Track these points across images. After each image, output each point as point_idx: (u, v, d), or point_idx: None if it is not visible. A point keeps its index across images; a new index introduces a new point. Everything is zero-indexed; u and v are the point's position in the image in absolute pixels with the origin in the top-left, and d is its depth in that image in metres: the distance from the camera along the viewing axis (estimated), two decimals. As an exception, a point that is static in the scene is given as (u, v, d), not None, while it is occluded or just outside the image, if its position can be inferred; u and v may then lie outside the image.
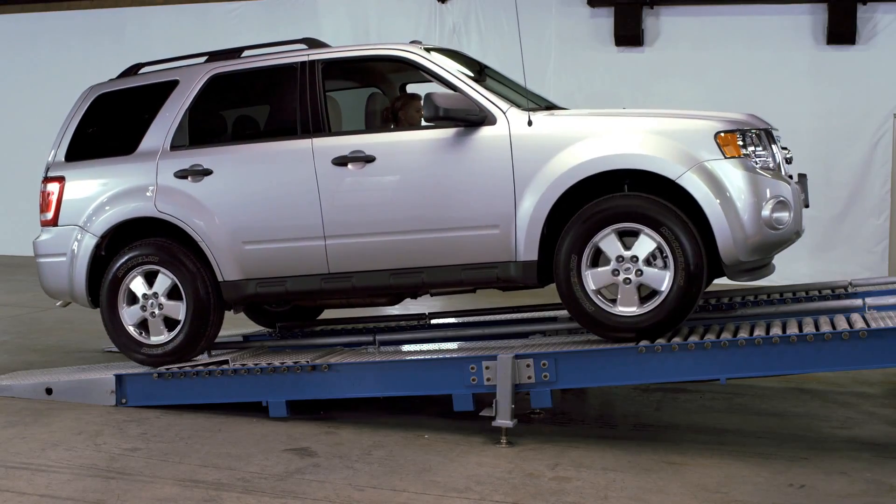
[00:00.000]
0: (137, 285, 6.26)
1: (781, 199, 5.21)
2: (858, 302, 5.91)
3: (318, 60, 6.06)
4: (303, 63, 6.07)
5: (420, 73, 5.98)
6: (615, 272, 5.26)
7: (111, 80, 6.81)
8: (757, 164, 5.27)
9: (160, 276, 6.21)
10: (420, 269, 5.73)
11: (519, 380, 5.30)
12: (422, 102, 6.35)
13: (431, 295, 6.30)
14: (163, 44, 14.15)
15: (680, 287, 5.15)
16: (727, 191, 5.13)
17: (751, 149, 5.29)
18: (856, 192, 11.89)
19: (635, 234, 5.25)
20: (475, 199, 5.56)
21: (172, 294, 6.19)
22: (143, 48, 14.52)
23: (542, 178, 5.41)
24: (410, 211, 5.69)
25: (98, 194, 6.40)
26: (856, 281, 6.49)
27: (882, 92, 11.68)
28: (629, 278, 5.24)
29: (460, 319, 7.12)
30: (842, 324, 5.23)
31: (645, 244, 5.22)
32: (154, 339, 6.25)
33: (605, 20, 12.77)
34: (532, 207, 5.42)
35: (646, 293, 5.29)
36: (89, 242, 6.36)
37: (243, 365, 5.96)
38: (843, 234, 11.92)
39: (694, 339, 5.18)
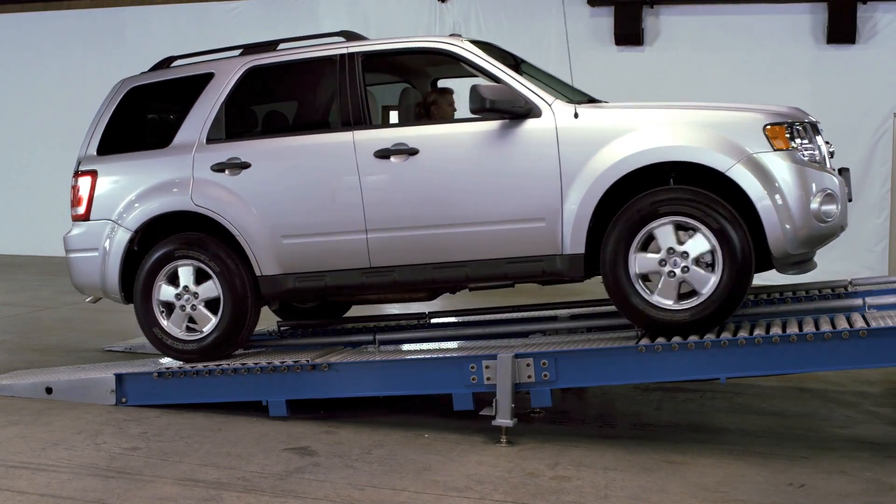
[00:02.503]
0: (173, 280, 6.19)
1: (829, 191, 5.20)
2: (858, 301, 5.91)
3: (359, 53, 6.00)
4: (342, 55, 6.00)
5: (461, 65, 5.91)
6: (662, 262, 5.23)
7: (143, 73, 6.73)
8: (805, 156, 5.25)
9: (196, 270, 6.14)
10: (464, 262, 5.68)
11: (519, 379, 5.30)
12: (453, 96, 6.37)
13: (470, 290, 6.23)
14: (163, 43, 14.13)
15: (728, 280, 5.11)
16: (776, 183, 5.11)
17: (798, 141, 5.26)
18: (856, 191, 11.84)
19: (684, 227, 5.21)
20: (521, 192, 5.52)
21: (209, 289, 6.13)
22: (143, 48, 14.53)
23: (589, 171, 5.37)
24: (455, 204, 5.65)
25: (132, 188, 6.33)
26: (856, 280, 6.49)
27: (882, 91, 11.69)
28: (674, 272, 5.20)
29: (460, 319, 7.11)
30: (842, 323, 5.23)
31: (694, 238, 5.18)
32: (188, 335, 6.19)
33: (605, 19, 12.78)
34: (579, 200, 5.38)
35: (690, 288, 5.24)
36: (123, 237, 6.30)
37: (243, 364, 5.95)
38: (843, 234, 11.90)
39: (694, 338, 5.18)
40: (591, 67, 12.87)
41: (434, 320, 7.06)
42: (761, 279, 5.72)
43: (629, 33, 12.59)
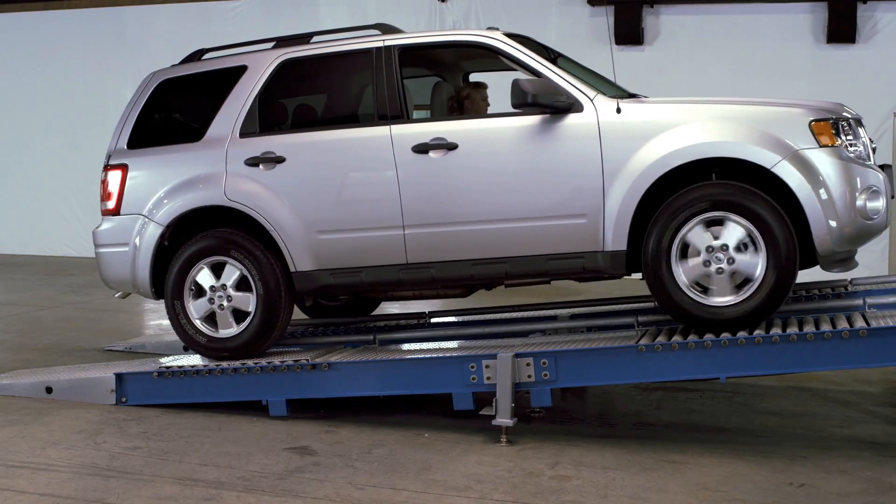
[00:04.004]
0: (204, 277, 6.11)
1: (875, 188, 5.17)
2: (858, 301, 5.92)
3: (395, 46, 5.95)
4: (378, 48, 5.95)
5: (496, 59, 5.86)
6: (706, 263, 5.19)
7: (173, 65, 6.65)
8: (850, 153, 5.22)
9: (228, 266, 6.05)
10: (503, 259, 5.62)
11: (519, 378, 5.30)
12: (487, 90, 6.33)
13: (506, 286, 6.18)
14: (163, 43, 14.17)
15: (773, 276, 5.08)
16: (822, 180, 5.07)
17: (843, 137, 5.23)
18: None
19: (715, 223, 5.17)
20: (562, 188, 5.48)
21: (241, 285, 6.05)
22: (143, 48, 14.55)
23: (632, 167, 5.32)
24: (495, 200, 5.60)
25: (163, 182, 6.25)
26: (856, 280, 6.48)
27: (882, 91, 11.68)
28: (721, 268, 5.16)
29: (460, 318, 7.11)
30: (842, 323, 5.23)
31: (736, 233, 5.14)
32: (222, 333, 6.10)
33: (605, 19, 12.76)
34: (621, 197, 5.33)
35: (737, 283, 5.19)
36: (154, 232, 6.22)
37: (243, 363, 5.94)
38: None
39: (694, 337, 5.18)
40: (591, 67, 12.90)
41: (434, 320, 7.07)
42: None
43: (629, 33, 12.58)
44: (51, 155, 15.26)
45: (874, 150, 5.65)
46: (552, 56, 6.21)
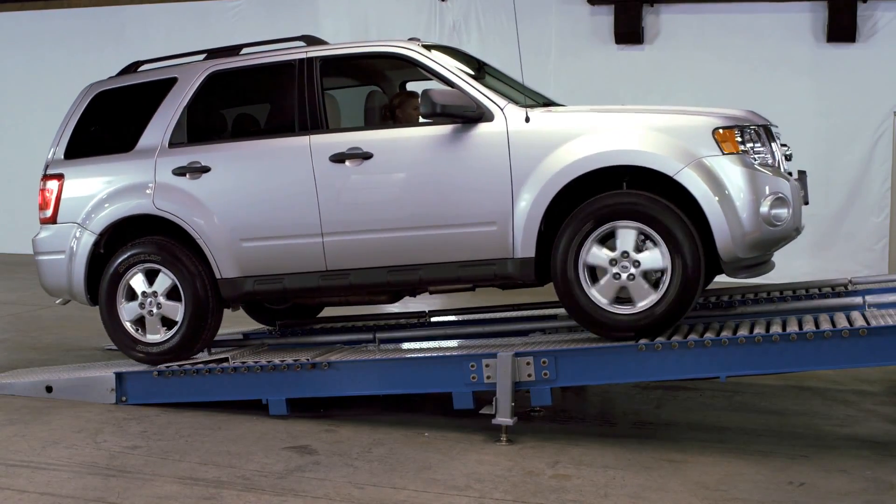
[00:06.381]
0: (136, 283, 6.27)
1: (780, 195, 5.19)
2: (858, 300, 5.91)
3: (317, 57, 6.06)
4: (301, 60, 6.07)
5: (418, 69, 5.96)
6: (612, 262, 5.24)
7: (110, 77, 6.83)
8: (755, 160, 5.25)
9: (159, 274, 6.21)
10: (417, 266, 5.72)
11: (519, 378, 5.30)
12: (419, 100, 6.35)
13: (431, 293, 6.29)
14: (163, 43, 14.14)
15: (678, 285, 5.13)
16: (725, 187, 5.11)
17: (749, 145, 5.27)
18: (856, 189, 11.89)
19: (647, 237, 5.21)
20: (472, 196, 5.56)
21: (171, 292, 6.19)
22: (143, 47, 14.51)
23: (539, 175, 5.40)
24: (408, 207, 5.69)
25: (97, 192, 6.42)
26: (856, 279, 6.47)
27: (882, 90, 11.69)
28: (619, 274, 5.22)
29: (460, 317, 7.12)
30: (842, 322, 5.23)
31: (652, 252, 5.18)
32: (152, 337, 6.25)
33: (605, 18, 12.78)
34: (529, 204, 5.41)
35: (619, 296, 5.26)
36: (88, 240, 6.38)
37: (243, 363, 5.95)
38: (843, 232, 11.92)
39: (694, 336, 5.18)
40: (591, 66, 12.93)
41: (434, 319, 7.08)
42: (761, 278, 5.71)
43: (629, 32, 12.59)
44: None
45: (789, 157, 5.72)
46: (477, 66, 6.31)
